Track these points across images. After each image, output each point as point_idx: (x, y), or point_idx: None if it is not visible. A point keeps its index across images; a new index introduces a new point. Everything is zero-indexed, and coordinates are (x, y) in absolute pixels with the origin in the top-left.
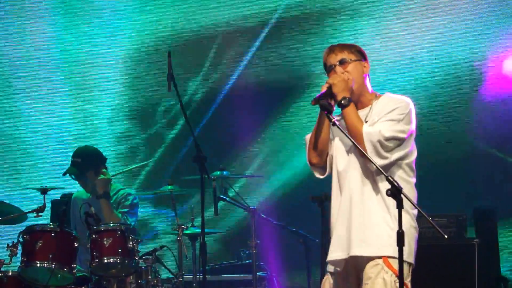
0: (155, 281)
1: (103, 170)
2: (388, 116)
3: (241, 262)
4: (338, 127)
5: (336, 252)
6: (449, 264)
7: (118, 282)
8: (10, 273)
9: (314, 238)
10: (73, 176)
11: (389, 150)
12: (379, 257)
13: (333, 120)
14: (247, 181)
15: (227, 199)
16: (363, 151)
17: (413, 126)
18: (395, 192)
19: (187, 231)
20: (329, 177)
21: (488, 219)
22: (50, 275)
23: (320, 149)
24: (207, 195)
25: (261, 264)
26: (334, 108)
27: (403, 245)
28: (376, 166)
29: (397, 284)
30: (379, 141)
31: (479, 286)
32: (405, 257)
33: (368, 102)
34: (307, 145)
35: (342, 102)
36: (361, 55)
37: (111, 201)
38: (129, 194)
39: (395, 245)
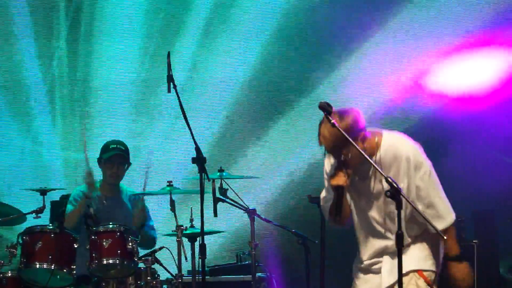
0: (154, 282)
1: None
2: (427, 185)
3: (240, 263)
4: (338, 129)
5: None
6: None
7: (117, 283)
8: (9, 274)
9: (313, 239)
10: (117, 157)
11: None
12: (415, 271)
13: (332, 121)
14: (246, 182)
15: (227, 200)
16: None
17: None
18: (394, 193)
19: (187, 232)
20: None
21: (487, 220)
22: (50, 276)
23: (344, 217)
24: (206, 196)
25: (260, 265)
26: (334, 109)
27: (402, 245)
28: (376, 167)
29: None
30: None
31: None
32: (433, 268)
33: (372, 150)
34: (326, 214)
35: None
36: (354, 134)
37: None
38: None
39: (429, 260)
